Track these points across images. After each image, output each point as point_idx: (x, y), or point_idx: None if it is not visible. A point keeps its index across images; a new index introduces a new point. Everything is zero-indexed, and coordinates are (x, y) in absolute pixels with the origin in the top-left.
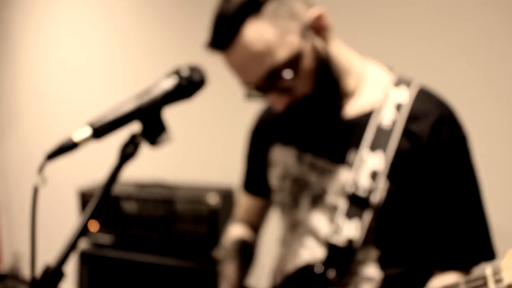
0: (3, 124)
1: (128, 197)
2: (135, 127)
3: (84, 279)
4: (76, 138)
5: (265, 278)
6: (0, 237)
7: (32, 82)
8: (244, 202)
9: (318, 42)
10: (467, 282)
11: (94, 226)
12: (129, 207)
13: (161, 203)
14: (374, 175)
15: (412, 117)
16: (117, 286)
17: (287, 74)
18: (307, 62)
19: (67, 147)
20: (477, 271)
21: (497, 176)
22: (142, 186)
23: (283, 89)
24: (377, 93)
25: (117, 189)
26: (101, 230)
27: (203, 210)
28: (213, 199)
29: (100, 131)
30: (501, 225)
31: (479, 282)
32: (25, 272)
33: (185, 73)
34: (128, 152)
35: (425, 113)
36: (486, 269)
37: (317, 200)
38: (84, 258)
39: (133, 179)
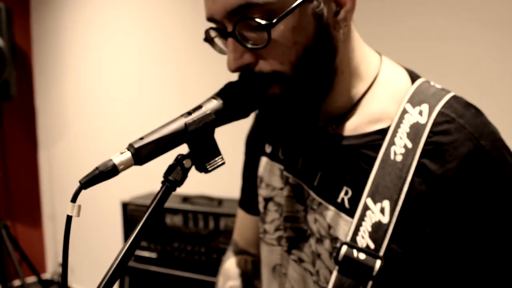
0: (51, 134)
1: (172, 210)
2: (182, 150)
3: None
4: (115, 163)
5: None
6: (45, 245)
7: (80, 94)
8: (240, 222)
9: (330, 14)
10: None
11: None
12: (173, 220)
13: (206, 217)
14: (376, 230)
15: (432, 149)
16: None
17: (261, 23)
18: (298, 25)
19: (105, 174)
20: None
21: None
22: (187, 199)
23: (248, 43)
24: (389, 106)
25: None
26: (143, 244)
27: None
28: None
29: (143, 155)
30: None
31: None
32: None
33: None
34: (174, 178)
35: (451, 144)
36: None
37: (298, 244)
38: (126, 270)
39: (178, 192)
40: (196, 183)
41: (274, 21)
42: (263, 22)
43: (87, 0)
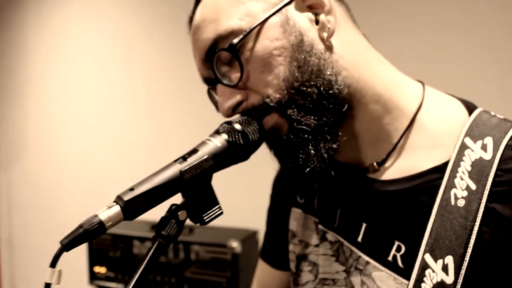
0: (9, 155)
1: (141, 239)
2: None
3: None
4: (102, 219)
5: None
6: (0, 272)
7: (40, 114)
8: (262, 276)
9: (308, 25)
10: None
11: (101, 269)
12: (142, 249)
13: (176, 246)
14: None
15: (505, 191)
16: None
17: (225, 48)
18: (268, 42)
19: (90, 233)
20: None
21: None
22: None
23: (225, 79)
24: (442, 141)
25: (128, 229)
26: (110, 274)
27: (225, 255)
28: (235, 244)
29: (134, 209)
30: None
31: None
32: None
33: (238, 127)
34: (168, 233)
35: None
36: None
37: None
38: None
39: (146, 219)
40: (165, 209)
41: (235, 40)
42: (226, 47)
43: (54, 17)
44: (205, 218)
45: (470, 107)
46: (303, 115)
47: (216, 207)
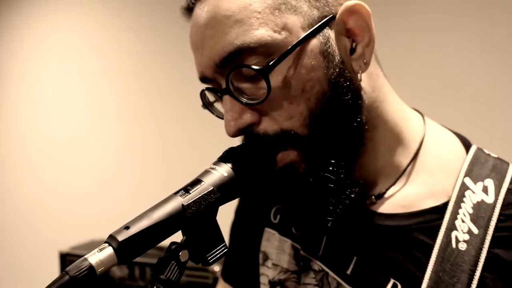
0: None
1: None
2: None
3: None
4: (92, 264)
5: None
6: None
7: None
8: None
9: (344, 52)
10: None
11: None
12: (119, 272)
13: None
14: None
15: (508, 237)
16: None
17: (256, 69)
18: (304, 68)
19: (78, 281)
20: None
21: None
22: None
23: (244, 98)
24: (442, 179)
25: None
26: None
27: (206, 280)
28: (217, 268)
29: (130, 251)
30: None
31: None
32: None
33: (245, 154)
34: (167, 277)
35: None
36: None
37: None
38: None
39: None
40: None
41: (271, 63)
42: (257, 67)
43: (31, 27)
44: (209, 258)
45: (466, 144)
46: (327, 159)
47: (222, 245)
